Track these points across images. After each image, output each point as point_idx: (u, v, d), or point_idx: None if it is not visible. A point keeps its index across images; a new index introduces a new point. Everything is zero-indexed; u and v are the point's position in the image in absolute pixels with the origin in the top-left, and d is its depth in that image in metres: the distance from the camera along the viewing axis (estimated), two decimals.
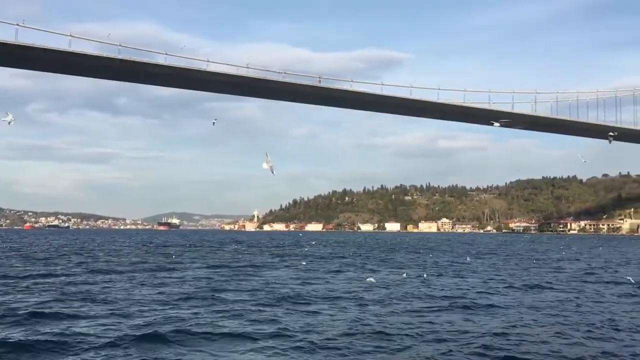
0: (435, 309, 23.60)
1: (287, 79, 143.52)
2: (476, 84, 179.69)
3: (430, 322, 20.60)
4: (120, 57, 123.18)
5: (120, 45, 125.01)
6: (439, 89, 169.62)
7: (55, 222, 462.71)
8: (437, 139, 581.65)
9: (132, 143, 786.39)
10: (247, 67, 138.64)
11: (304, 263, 49.95)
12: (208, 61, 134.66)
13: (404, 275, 36.99)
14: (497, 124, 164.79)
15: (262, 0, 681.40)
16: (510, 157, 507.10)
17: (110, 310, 22.03)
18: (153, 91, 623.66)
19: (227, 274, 38.56)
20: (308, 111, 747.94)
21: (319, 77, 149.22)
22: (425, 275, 37.03)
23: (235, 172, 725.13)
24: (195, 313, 21.65)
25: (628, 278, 35.12)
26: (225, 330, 18.51)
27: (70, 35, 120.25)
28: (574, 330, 19.57)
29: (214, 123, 67.79)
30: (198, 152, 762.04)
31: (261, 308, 23.08)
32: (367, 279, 33.35)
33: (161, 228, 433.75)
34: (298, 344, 16.87)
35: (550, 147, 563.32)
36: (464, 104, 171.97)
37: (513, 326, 20.03)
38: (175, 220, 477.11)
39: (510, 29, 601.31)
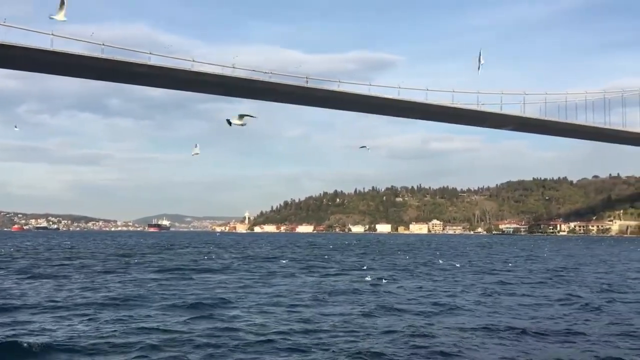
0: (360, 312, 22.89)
1: (274, 79, 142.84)
2: (468, 86, 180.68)
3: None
4: (103, 56, 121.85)
5: (103, 44, 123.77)
6: (427, 89, 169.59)
7: (44, 224, 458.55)
8: (429, 141, 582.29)
9: (124, 144, 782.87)
10: (233, 67, 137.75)
11: (272, 265, 48.62)
12: (193, 61, 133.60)
13: (368, 277, 35.74)
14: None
15: (254, 2, 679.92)
16: (501, 159, 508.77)
17: None
18: (145, 92, 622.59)
19: (173, 277, 37.01)
20: (301, 112, 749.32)
21: (306, 78, 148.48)
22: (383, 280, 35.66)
23: (228, 173, 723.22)
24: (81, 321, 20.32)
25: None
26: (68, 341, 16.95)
27: (52, 34, 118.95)
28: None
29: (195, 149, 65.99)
30: (189, 154, 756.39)
31: (162, 315, 21.82)
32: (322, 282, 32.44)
33: (151, 230, 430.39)
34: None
35: (541, 148, 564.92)
36: (452, 105, 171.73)
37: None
38: (165, 222, 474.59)
39: (502, 31, 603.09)
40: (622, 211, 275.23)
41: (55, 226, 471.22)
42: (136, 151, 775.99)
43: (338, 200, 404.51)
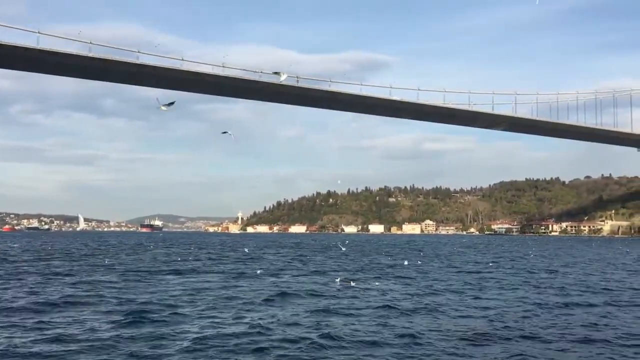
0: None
1: (264, 79, 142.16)
2: (462, 87, 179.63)
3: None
4: (90, 54, 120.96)
5: (90, 42, 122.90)
6: (419, 89, 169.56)
7: (36, 225, 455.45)
8: (423, 141, 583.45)
9: (118, 145, 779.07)
10: (223, 67, 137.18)
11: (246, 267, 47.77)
12: (182, 60, 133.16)
13: (337, 280, 34.47)
14: None
15: (249, 3, 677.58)
16: (495, 159, 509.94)
17: None
18: (139, 92, 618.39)
19: (133, 279, 35.91)
20: (296, 113, 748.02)
21: (297, 77, 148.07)
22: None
23: (222, 173, 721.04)
24: None
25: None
26: None
27: (39, 33, 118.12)
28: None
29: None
30: (185, 154, 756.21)
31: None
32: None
33: (144, 230, 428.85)
34: None
35: (535, 149, 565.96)
36: (444, 105, 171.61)
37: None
38: (158, 222, 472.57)
39: (495, 32, 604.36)
40: (613, 211, 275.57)
41: (47, 227, 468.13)
42: (130, 151, 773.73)
43: (331, 200, 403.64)
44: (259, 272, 40.11)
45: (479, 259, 64.81)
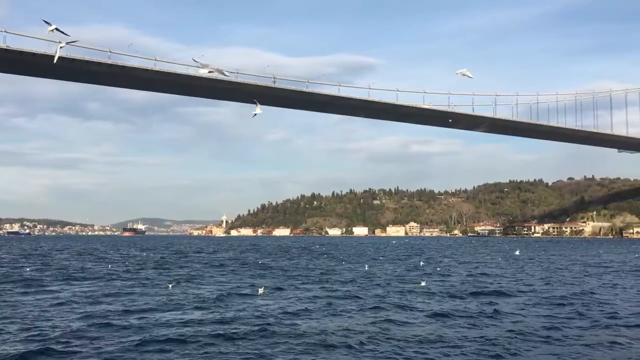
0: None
1: (239, 79, 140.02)
2: (446, 90, 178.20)
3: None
4: (59, 54, 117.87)
5: (60, 42, 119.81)
6: (397, 90, 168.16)
7: (16, 229, 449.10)
8: (410, 144, 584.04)
9: (103, 148, 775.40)
10: (197, 67, 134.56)
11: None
12: (155, 59, 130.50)
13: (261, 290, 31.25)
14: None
15: (235, 5, 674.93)
16: (481, 162, 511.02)
17: None
18: (124, 96, 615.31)
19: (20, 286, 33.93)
20: (282, 116, 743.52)
21: (274, 78, 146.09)
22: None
23: (208, 177, 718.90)
24: None
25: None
26: None
27: (5, 32, 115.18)
28: None
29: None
30: (170, 157, 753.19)
31: None
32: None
33: (127, 234, 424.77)
34: None
35: (520, 151, 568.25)
36: (423, 106, 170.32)
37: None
38: (141, 226, 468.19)
39: (479, 35, 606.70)
40: (595, 212, 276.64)
41: (28, 231, 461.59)
42: (116, 155, 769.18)
43: (315, 203, 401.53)
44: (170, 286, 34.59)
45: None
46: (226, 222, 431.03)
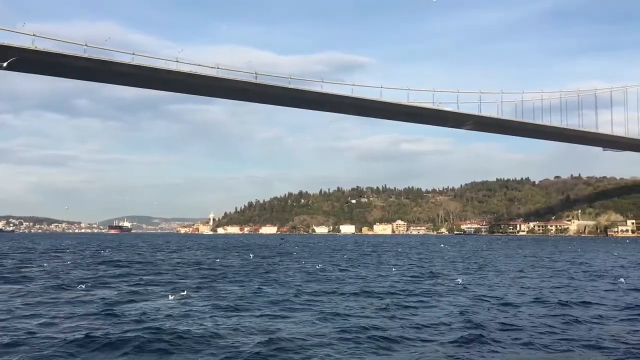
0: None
1: (220, 75, 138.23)
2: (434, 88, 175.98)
3: None
4: (33, 47, 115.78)
5: (34, 35, 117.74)
6: (382, 87, 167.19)
7: (0, 226, 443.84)
8: (400, 143, 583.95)
9: (91, 145, 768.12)
10: (177, 62, 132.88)
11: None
12: (133, 54, 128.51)
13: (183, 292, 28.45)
14: None
15: (225, 3, 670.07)
16: (471, 161, 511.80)
17: None
18: (113, 93, 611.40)
19: None
20: (273, 114, 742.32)
21: (255, 73, 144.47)
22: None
23: (198, 175, 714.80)
24: None
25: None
26: None
27: None
28: None
29: None
30: (160, 155, 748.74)
31: None
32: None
33: (112, 232, 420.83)
34: None
35: (511, 150, 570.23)
36: (408, 104, 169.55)
37: None
38: (127, 224, 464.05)
39: (469, 35, 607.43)
40: (580, 211, 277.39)
41: (11, 228, 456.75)
42: (104, 152, 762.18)
43: (303, 200, 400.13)
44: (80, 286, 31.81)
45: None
46: (213, 220, 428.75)
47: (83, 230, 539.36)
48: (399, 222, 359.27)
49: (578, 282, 36.60)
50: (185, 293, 27.94)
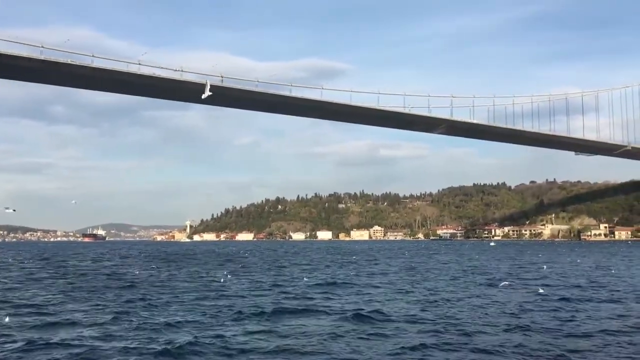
0: None
1: (184, 77, 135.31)
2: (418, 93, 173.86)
3: None
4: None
5: None
6: (352, 91, 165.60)
7: None
8: (378, 148, 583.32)
9: (68, 152, 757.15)
10: (139, 64, 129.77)
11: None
12: (93, 56, 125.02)
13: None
14: None
15: (203, 9, 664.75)
16: (449, 166, 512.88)
17: None
18: (90, 99, 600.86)
19: None
20: (251, 120, 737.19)
21: (221, 77, 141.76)
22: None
23: (177, 181, 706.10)
24: None
25: None
26: None
27: None
28: None
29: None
30: (138, 161, 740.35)
31: None
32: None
33: (86, 240, 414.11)
34: None
35: (488, 155, 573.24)
36: (379, 108, 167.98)
37: None
38: (101, 232, 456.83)
39: (448, 40, 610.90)
40: (553, 215, 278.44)
41: None
42: (81, 159, 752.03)
43: (280, 207, 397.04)
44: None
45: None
46: (190, 226, 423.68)
47: (59, 239, 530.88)
48: (377, 227, 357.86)
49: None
50: None
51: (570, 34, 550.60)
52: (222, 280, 41.43)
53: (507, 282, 37.31)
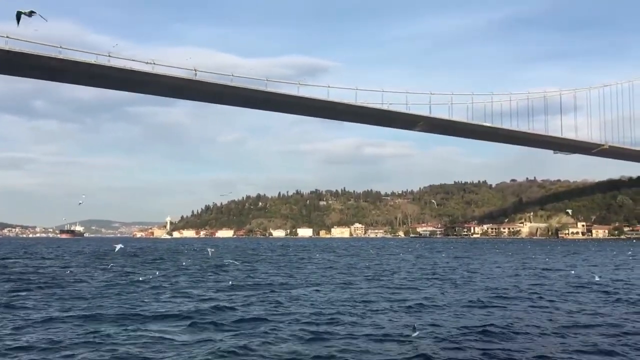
0: None
1: (156, 71, 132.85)
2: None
3: None
4: None
5: None
6: (329, 86, 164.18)
7: None
8: (364, 146, 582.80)
9: (49, 148, 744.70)
10: (109, 56, 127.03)
11: None
12: (61, 47, 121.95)
13: None
14: None
15: (189, 5, 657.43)
16: (433, 164, 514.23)
17: None
18: (73, 94, 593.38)
19: None
20: (237, 117, 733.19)
21: (195, 70, 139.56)
22: None
23: (160, 178, 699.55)
24: None
25: None
26: None
27: None
28: None
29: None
30: (120, 158, 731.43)
31: None
32: None
33: (64, 236, 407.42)
34: None
35: (472, 154, 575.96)
36: (354, 103, 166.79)
37: None
38: (79, 228, 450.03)
39: (432, 40, 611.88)
40: (532, 213, 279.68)
41: None
42: (62, 155, 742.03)
43: (261, 204, 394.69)
44: None
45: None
46: (170, 223, 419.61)
47: (38, 235, 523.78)
48: (357, 225, 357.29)
49: None
50: None
51: (554, 35, 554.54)
52: (141, 278, 39.25)
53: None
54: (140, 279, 38.76)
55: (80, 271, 47.85)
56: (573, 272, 47.13)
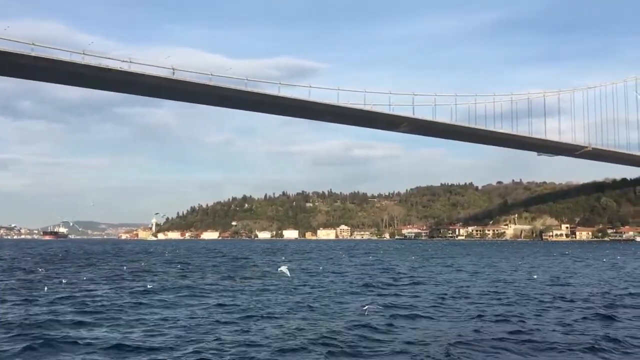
0: None
1: (134, 69, 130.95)
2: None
3: None
4: None
5: None
6: (310, 86, 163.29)
7: None
8: (352, 148, 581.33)
9: (35, 148, 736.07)
10: (83, 54, 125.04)
11: None
12: (33, 44, 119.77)
13: None
14: None
15: (177, 5, 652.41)
16: (420, 166, 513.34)
17: None
18: (59, 94, 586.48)
19: None
20: (225, 118, 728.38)
21: (173, 69, 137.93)
22: None
23: (148, 179, 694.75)
24: None
25: None
26: None
27: None
28: None
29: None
30: (107, 158, 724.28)
31: None
32: None
33: (47, 237, 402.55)
34: None
35: (459, 156, 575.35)
36: (335, 104, 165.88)
37: None
38: (62, 230, 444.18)
39: (422, 42, 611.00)
40: (516, 215, 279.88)
41: None
42: (49, 155, 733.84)
43: (247, 205, 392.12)
44: None
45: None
46: (156, 225, 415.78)
47: (23, 237, 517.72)
48: (343, 227, 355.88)
49: None
50: None
51: (541, 38, 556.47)
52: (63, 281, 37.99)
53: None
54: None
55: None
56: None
